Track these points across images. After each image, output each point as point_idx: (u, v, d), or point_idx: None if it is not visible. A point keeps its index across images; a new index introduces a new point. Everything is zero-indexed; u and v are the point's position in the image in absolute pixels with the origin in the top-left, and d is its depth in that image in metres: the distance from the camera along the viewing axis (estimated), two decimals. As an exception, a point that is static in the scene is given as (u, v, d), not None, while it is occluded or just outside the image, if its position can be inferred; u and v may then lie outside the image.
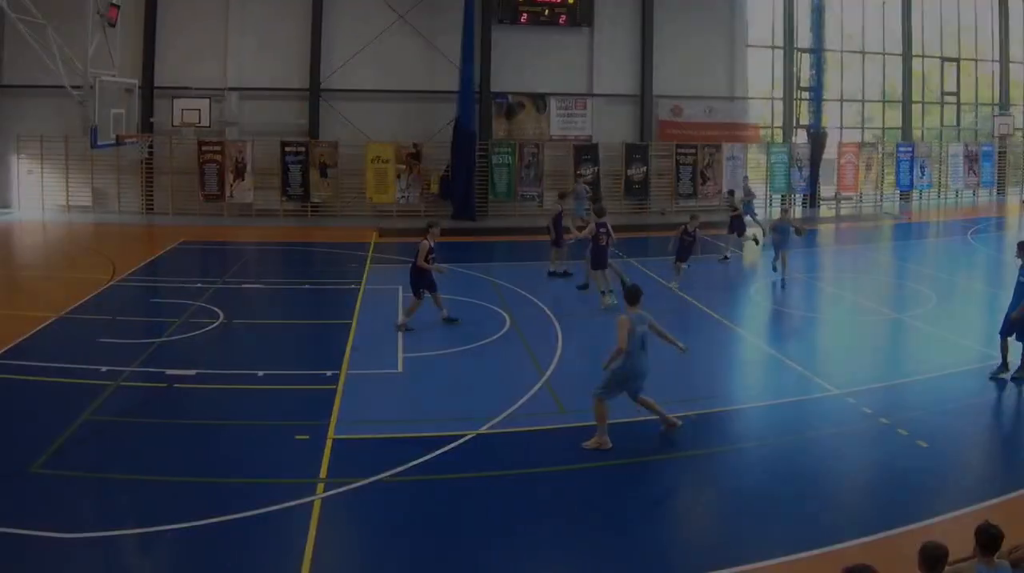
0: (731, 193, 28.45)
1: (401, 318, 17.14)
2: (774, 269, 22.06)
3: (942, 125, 41.40)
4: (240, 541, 8.99)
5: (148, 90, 32.27)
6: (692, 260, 22.24)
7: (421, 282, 17.02)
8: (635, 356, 11.22)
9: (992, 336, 14.85)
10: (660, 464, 11.22)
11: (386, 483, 10.28)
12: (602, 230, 19.14)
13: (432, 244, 16.80)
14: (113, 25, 25.22)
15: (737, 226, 25.58)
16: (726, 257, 25.19)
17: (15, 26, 23.16)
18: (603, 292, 19.13)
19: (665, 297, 20.31)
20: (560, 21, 33.71)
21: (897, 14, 38.95)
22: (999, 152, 41.22)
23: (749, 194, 28.62)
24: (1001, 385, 13.98)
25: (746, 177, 32.12)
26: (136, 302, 19.98)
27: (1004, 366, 14.07)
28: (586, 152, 33.96)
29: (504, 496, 10.23)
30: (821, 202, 36.89)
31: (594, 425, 11.43)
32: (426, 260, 16.68)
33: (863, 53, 38.84)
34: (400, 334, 16.57)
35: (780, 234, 21.72)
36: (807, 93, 36.27)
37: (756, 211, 28.99)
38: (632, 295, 11.57)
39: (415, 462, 10.63)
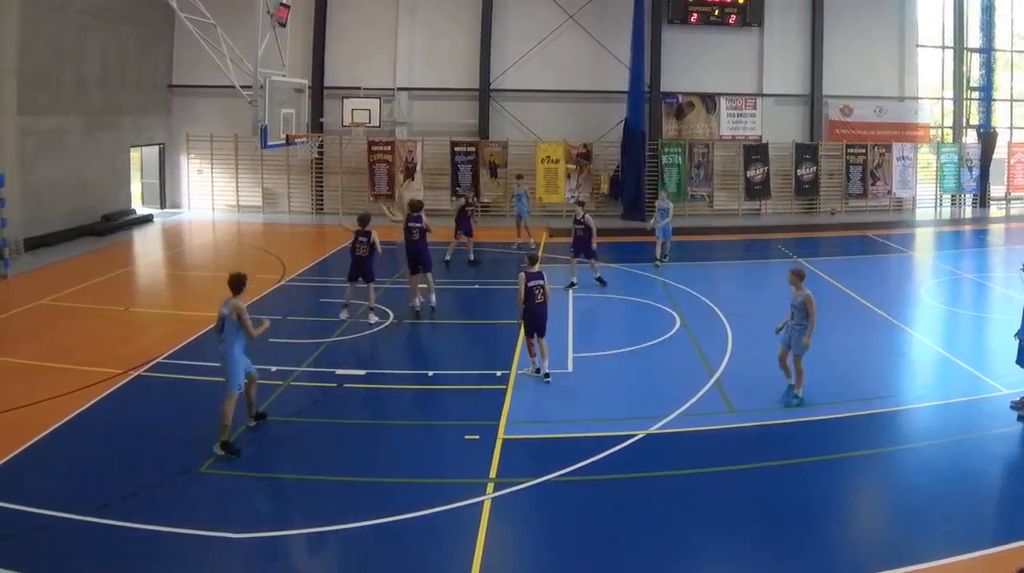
0: (580, 203, 21.41)
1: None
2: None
3: (1112, 124, 38.05)
4: (409, 541, 8.65)
5: (318, 90, 30.59)
6: None
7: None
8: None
9: None
10: (829, 464, 10.52)
11: (556, 483, 9.89)
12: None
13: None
14: (283, 25, 23.42)
15: (584, 247, 20.00)
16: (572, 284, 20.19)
17: (185, 26, 21.49)
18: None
19: (832, 295, 19.02)
20: (730, 21, 31.28)
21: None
22: None
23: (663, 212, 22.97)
24: None
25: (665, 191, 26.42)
26: (306, 302, 18.96)
27: None
28: (756, 152, 31.43)
29: (674, 496, 9.76)
30: (991, 202, 33.95)
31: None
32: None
33: (1033, 52, 35.97)
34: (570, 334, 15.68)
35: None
36: (977, 93, 33.48)
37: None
38: (234, 283, 10.90)
39: (585, 462, 10.33)
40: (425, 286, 17.81)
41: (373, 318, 16.82)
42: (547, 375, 13.49)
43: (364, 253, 16.76)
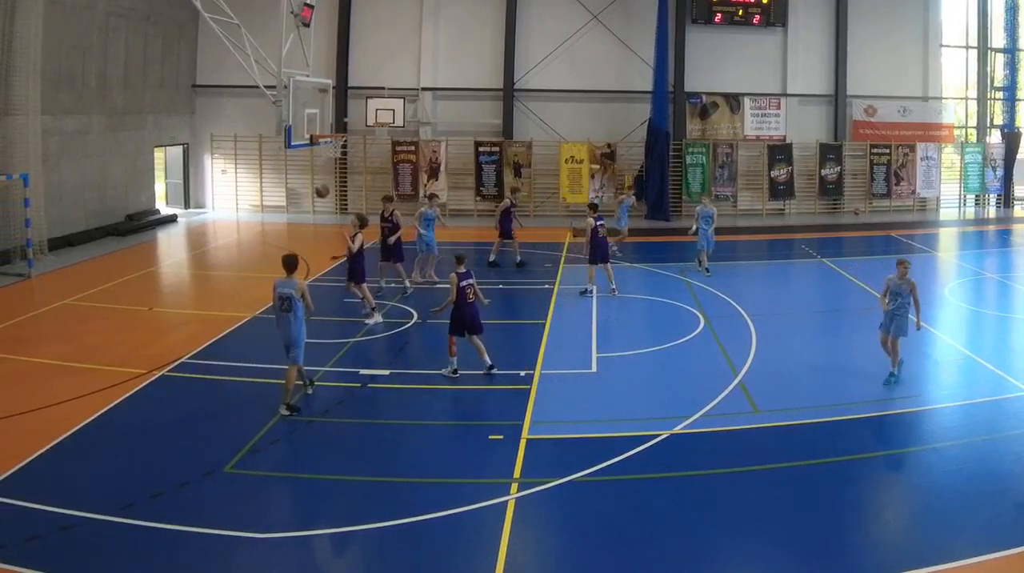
0: (593, 206, 19.24)
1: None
2: None
3: None
4: (433, 541, 8.33)
5: (342, 90, 29.37)
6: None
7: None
8: (277, 320, 11.58)
9: None
10: (853, 464, 10.13)
11: (580, 483, 9.55)
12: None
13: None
14: (307, 25, 22.31)
15: (601, 253, 18.44)
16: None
17: (209, 26, 20.37)
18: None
19: (856, 295, 18.81)
20: (754, 21, 29.99)
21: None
22: None
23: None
24: None
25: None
26: (330, 302, 17.86)
27: None
28: (780, 152, 30.19)
29: (698, 496, 9.43)
30: (1015, 202, 32.63)
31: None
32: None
33: (1056, 53, 34.61)
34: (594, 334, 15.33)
35: None
36: (1001, 93, 32.16)
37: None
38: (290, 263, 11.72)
39: (609, 462, 10.02)
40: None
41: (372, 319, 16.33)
42: (492, 367, 13.06)
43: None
